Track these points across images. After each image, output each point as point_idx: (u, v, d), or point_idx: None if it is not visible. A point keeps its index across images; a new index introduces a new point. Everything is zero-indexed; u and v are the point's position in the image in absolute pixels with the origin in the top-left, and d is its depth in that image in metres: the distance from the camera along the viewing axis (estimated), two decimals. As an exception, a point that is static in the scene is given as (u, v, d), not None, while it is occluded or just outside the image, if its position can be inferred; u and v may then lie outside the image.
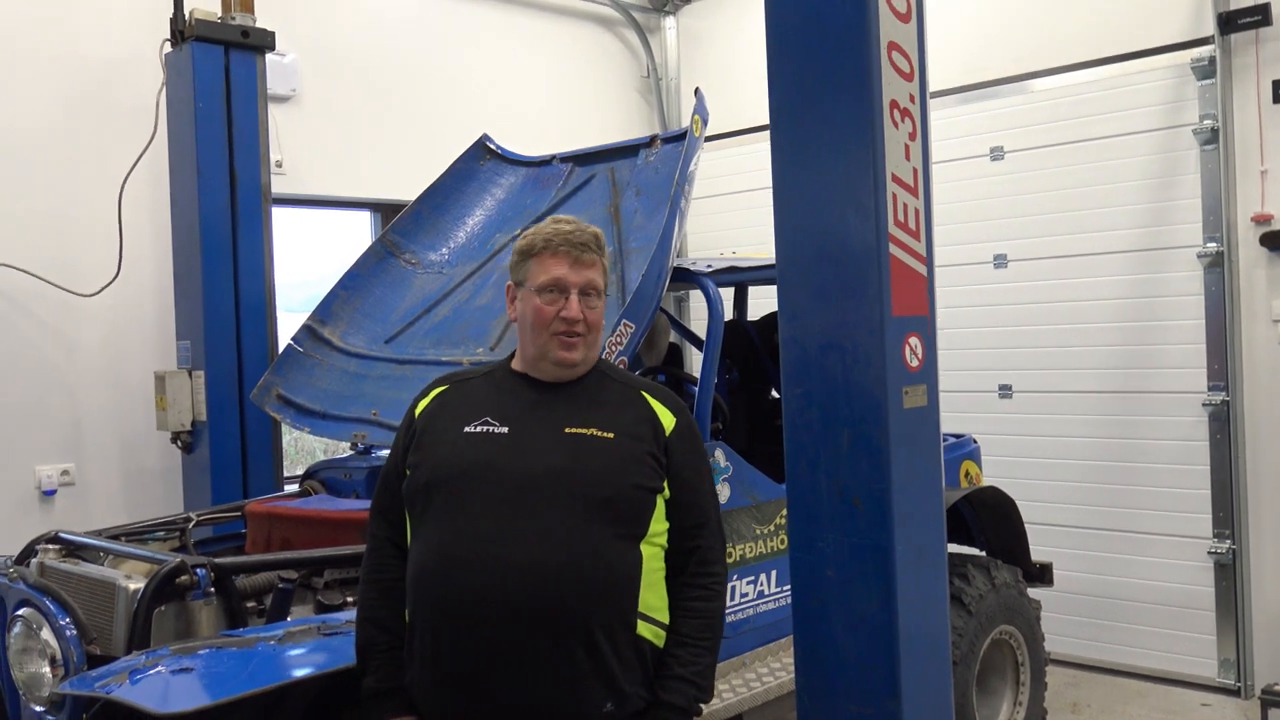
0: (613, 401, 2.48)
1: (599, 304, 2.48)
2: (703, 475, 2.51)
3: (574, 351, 2.44)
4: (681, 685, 2.34)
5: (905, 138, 2.80)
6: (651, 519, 2.37)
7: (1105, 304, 5.88)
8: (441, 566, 2.30)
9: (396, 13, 6.67)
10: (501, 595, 2.23)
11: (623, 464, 2.36)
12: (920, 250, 2.83)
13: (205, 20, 5.13)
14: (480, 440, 2.39)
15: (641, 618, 2.33)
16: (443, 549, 2.31)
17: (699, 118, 4.18)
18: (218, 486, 5.11)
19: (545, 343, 2.44)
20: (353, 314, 4.72)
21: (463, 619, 2.26)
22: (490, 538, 2.27)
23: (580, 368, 2.48)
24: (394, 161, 6.45)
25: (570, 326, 2.42)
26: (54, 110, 5.31)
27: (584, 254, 2.45)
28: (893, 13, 2.78)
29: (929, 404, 2.86)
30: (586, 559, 2.26)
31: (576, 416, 2.41)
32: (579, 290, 2.43)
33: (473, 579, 2.25)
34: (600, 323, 2.50)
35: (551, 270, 2.44)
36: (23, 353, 5.21)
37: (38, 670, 2.82)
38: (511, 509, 2.29)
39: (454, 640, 2.27)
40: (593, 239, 2.48)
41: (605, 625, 2.27)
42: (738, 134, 7.29)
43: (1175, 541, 5.67)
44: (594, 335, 2.48)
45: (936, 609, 2.91)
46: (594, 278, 2.46)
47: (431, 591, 2.31)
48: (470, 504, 2.32)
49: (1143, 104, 5.73)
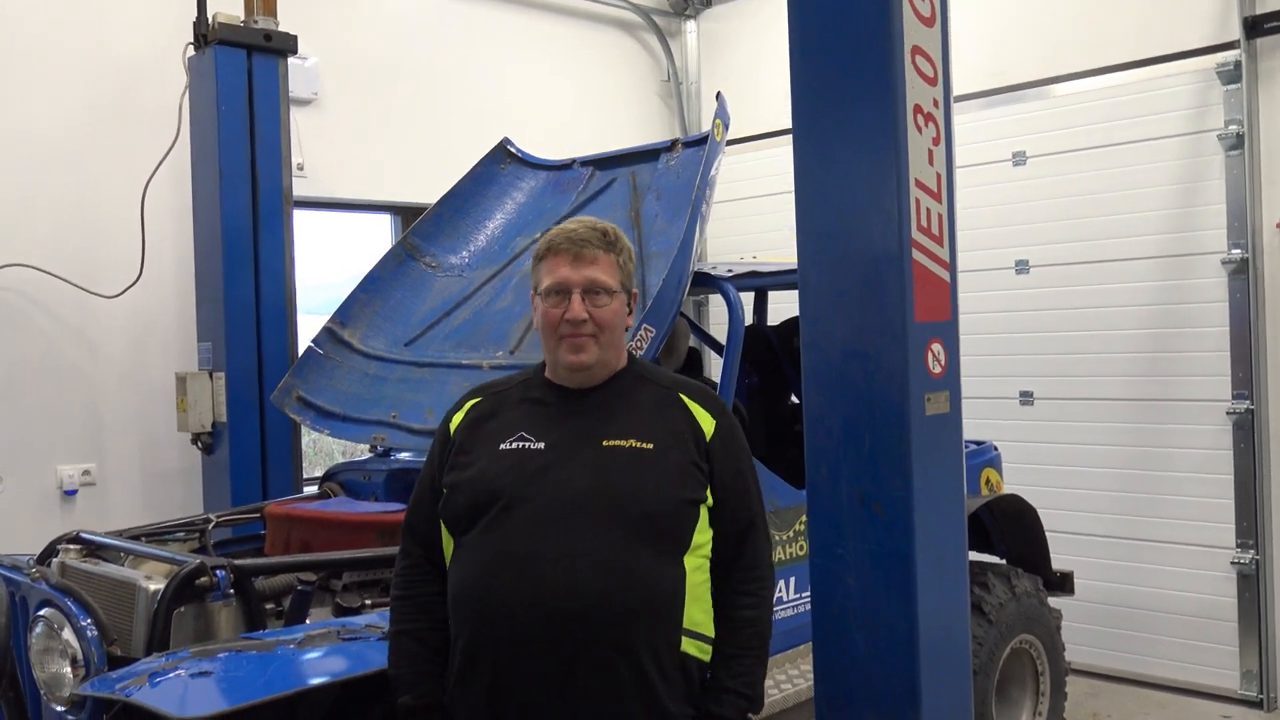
0: (649, 406, 2.42)
1: (609, 301, 2.38)
2: (746, 478, 2.44)
3: (583, 354, 2.36)
4: (733, 698, 2.32)
5: (929, 143, 2.78)
6: (694, 530, 2.32)
7: (1128, 310, 5.84)
8: (481, 588, 2.27)
9: (418, 17, 6.69)
10: (542, 617, 2.20)
11: (663, 477, 2.31)
12: (943, 256, 2.81)
13: (228, 24, 5.15)
14: (516, 457, 2.34)
15: (686, 634, 2.29)
16: (483, 570, 2.28)
17: (720, 122, 4.16)
18: (237, 488, 5.13)
19: (555, 347, 2.39)
20: (373, 317, 4.72)
21: (502, 640, 2.23)
22: (530, 558, 2.23)
23: (599, 369, 2.41)
24: (414, 165, 6.46)
25: (575, 329, 2.35)
26: (78, 112, 5.35)
27: (584, 250, 2.37)
28: (916, 16, 2.76)
29: (951, 410, 2.84)
30: (628, 579, 2.22)
31: (613, 427, 2.35)
32: (582, 289, 2.35)
33: (513, 600, 2.22)
34: (612, 321, 2.39)
35: (554, 272, 2.38)
36: (45, 353, 5.24)
37: (59, 670, 2.83)
38: (551, 529, 2.25)
39: (494, 661, 2.25)
40: (596, 235, 2.40)
41: (649, 646, 2.24)
42: (758, 138, 7.28)
43: (1198, 551, 5.62)
44: (608, 334, 2.39)
45: (957, 617, 2.89)
46: (596, 275, 2.37)
47: (472, 613, 2.28)
48: (509, 525, 2.27)
49: (1167, 109, 5.69)
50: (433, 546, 2.44)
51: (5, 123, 5.14)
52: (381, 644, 2.61)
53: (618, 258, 2.43)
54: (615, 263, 2.42)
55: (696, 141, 4.58)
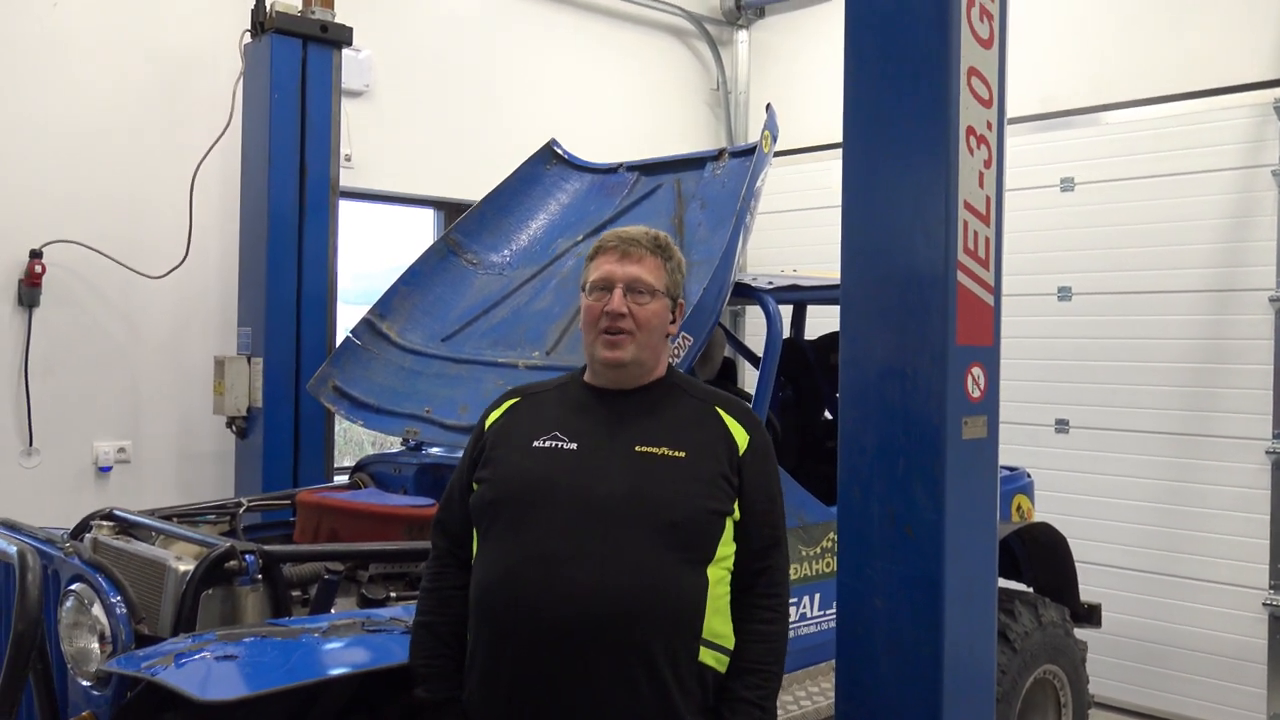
0: (685, 417, 2.42)
1: (650, 302, 2.40)
2: (775, 496, 2.45)
3: (619, 350, 2.37)
4: (749, 708, 2.32)
5: (980, 165, 2.76)
6: (720, 542, 2.32)
7: (1170, 343, 5.77)
8: (504, 585, 2.27)
9: (472, 14, 6.73)
10: (563, 618, 2.20)
11: (693, 486, 2.31)
12: (989, 280, 2.79)
13: (286, 13, 5.19)
14: (548, 456, 2.35)
15: (705, 644, 2.29)
16: (506, 568, 2.29)
17: (769, 134, 4.15)
18: (269, 473, 5.16)
19: (593, 342, 2.40)
20: (412, 310, 4.74)
21: (523, 639, 2.24)
22: (555, 559, 2.24)
23: (635, 370, 2.42)
24: (460, 161, 6.50)
25: (614, 321, 2.36)
26: (134, 96, 5.42)
27: (632, 248, 2.41)
28: (975, 38, 2.74)
29: (988, 436, 2.82)
30: (652, 585, 2.22)
31: (647, 433, 2.36)
32: (624, 285, 2.38)
33: (535, 600, 2.22)
34: (652, 321, 2.41)
35: (600, 268, 2.42)
36: (90, 329, 5.31)
37: (87, 645, 2.85)
38: (577, 530, 2.25)
39: (514, 660, 2.25)
40: (648, 237, 2.45)
41: (668, 652, 2.23)
42: (804, 151, 7.26)
43: (1230, 590, 5.54)
44: (645, 334, 2.40)
45: (984, 644, 2.86)
46: (640, 274, 2.40)
47: (493, 610, 2.29)
48: (535, 523, 2.28)
49: (1220, 142, 5.62)
50: (459, 541, 2.46)
51: (64, 106, 5.21)
52: (404, 638, 2.61)
53: (665, 262, 2.45)
54: (662, 266, 2.45)
55: (744, 152, 4.57)
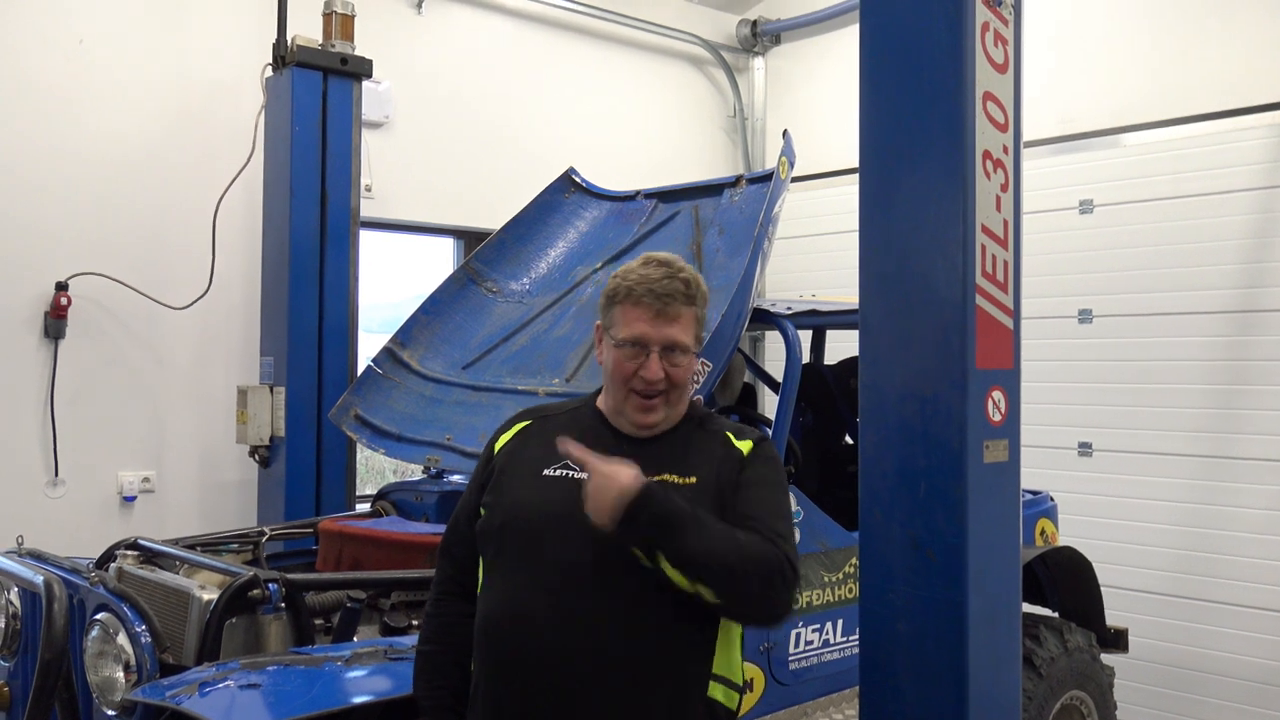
0: (694, 444, 2.37)
1: (684, 360, 2.31)
2: (773, 490, 2.32)
3: (652, 414, 2.32)
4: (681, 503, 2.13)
5: (997, 189, 2.76)
6: None
7: (1192, 365, 5.74)
8: (509, 618, 2.23)
9: (489, 44, 6.79)
10: (569, 653, 2.16)
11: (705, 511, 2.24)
12: (1008, 303, 2.78)
13: (306, 46, 5.26)
14: (558, 485, 2.28)
15: (714, 679, 2.26)
16: (512, 599, 2.24)
17: (786, 159, 4.16)
18: (291, 502, 5.19)
19: (623, 400, 2.33)
20: (432, 339, 4.78)
21: (528, 674, 2.19)
22: (561, 591, 2.19)
23: (662, 425, 2.36)
24: (479, 190, 6.55)
25: (649, 386, 2.28)
26: (158, 128, 5.49)
27: (668, 306, 2.28)
28: (990, 63, 2.75)
29: (1010, 459, 2.80)
30: (659, 619, 2.18)
31: (657, 464, 2.28)
32: (661, 348, 2.28)
33: (541, 634, 2.17)
34: (685, 379, 2.33)
35: (633, 325, 2.29)
36: (114, 360, 5.36)
37: (112, 675, 2.87)
38: (587, 564, 2.19)
39: (520, 693, 2.21)
40: (680, 287, 2.30)
41: (678, 689, 2.20)
42: (821, 176, 7.28)
43: (1258, 614, 5.48)
44: (678, 392, 2.34)
45: (1008, 670, 2.84)
46: (677, 335, 2.29)
47: (498, 642, 2.25)
48: (543, 553, 2.23)
49: (1239, 163, 5.61)
50: (464, 568, 2.42)
51: (90, 138, 5.29)
52: (426, 666, 2.62)
53: (698, 310, 2.36)
54: (695, 316, 2.35)
55: (761, 178, 4.59)
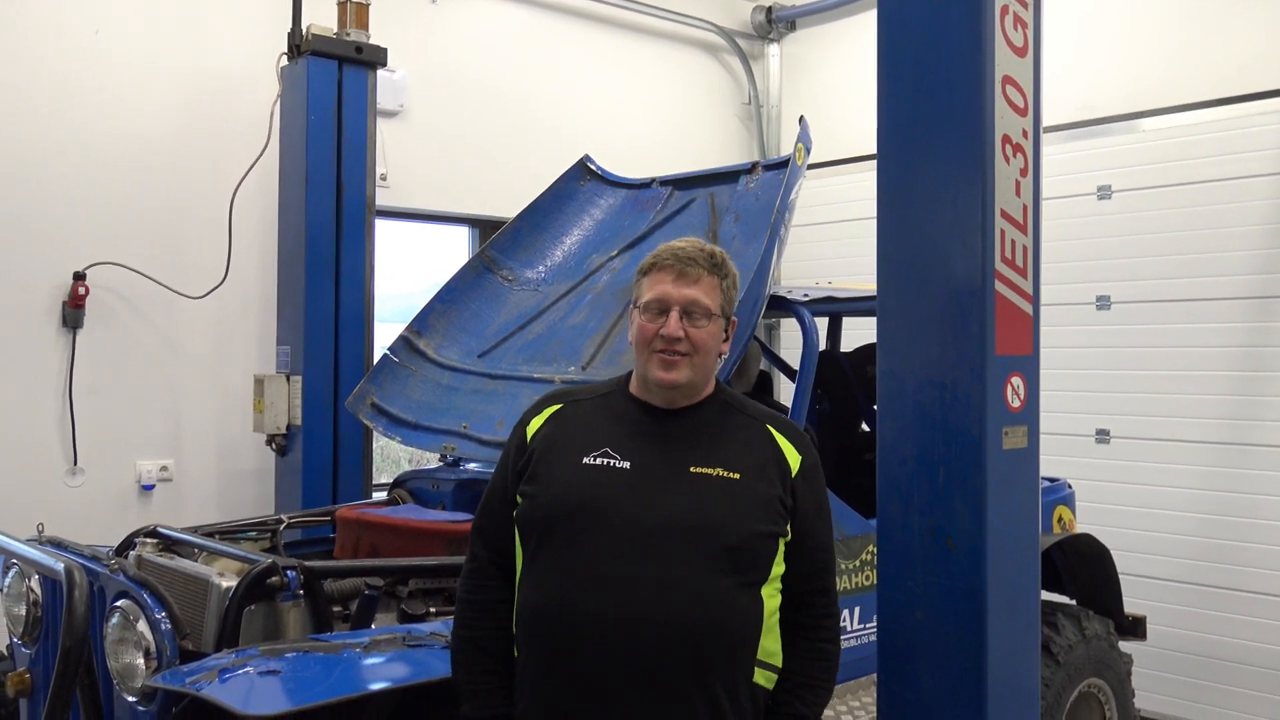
0: (738, 437, 2.39)
1: (706, 324, 2.35)
2: (825, 517, 2.45)
3: (673, 372, 2.33)
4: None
5: (1016, 173, 2.74)
6: (773, 562, 2.32)
7: (1211, 351, 5.69)
8: (558, 609, 2.25)
9: (504, 32, 6.78)
10: (621, 646, 2.19)
11: (748, 509, 2.29)
12: (1027, 289, 2.77)
13: (321, 35, 5.26)
14: (601, 474, 2.30)
15: (759, 664, 2.30)
16: (560, 591, 2.25)
17: (802, 146, 4.14)
18: (308, 490, 5.21)
19: (646, 362, 2.36)
20: (448, 327, 4.78)
21: (579, 665, 2.22)
22: (611, 584, 2.21)
23: (688, 390, 2.39)
24: (495, 178, 6.54)
25: (669, 345, 2.31)
26: (175, 118, 5.50)
27: (689, 269, 2.35)
28: (1009, 47, 2.73)
29: (1029, 446, 2.79)
30: (711, 613, 2.22)
31: (701, 453, 2.33)
32: (681, 308, 2.33)
33: (592, 626, 2.21)
34: (708, 344, 2.36)
35: (655, 287, 2.36)
36: (132, 349, 5.38)
37: (132, 661, 2.89)
38: (633, 554, 2.22)
39: (569, 684, 2.24)
40: (703, 255, 2.38)
41: (728, 676, 2.24)
42: (838, 163, 7.24)
43: (1278, 602, 5.45)
44: (700, 356, 2.35)
45: (1027, 658, 2.83)
46: (698, 296, 2.34)
47: (548, 634, 2.26)
48: (590, 545, 2.25)
49: (1259, 147, 5.55)
50: (501, 552, 2.42)
51: (106, 129, 5.30)
52: (445, 653, 2.62)
53: (721, 281, 2.40)
54: (718, 286, 2.39)
55: (777, 165, 4.57)
